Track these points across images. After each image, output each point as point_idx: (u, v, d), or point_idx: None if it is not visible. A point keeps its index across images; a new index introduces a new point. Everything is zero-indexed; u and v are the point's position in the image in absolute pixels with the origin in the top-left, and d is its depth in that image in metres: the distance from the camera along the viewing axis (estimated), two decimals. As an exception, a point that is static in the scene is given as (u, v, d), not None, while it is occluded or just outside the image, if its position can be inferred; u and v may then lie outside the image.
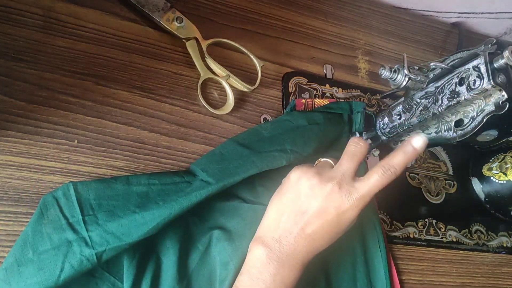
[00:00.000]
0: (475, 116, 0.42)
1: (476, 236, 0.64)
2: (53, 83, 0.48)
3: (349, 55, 0.68)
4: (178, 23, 0.55)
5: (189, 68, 0.56)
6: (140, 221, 0.41)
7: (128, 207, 0.42)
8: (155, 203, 0.43)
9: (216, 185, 0.44)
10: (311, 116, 0.53)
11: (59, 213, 0.41)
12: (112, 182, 0.44)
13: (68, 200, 0.41)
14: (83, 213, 0.41)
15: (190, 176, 0.47)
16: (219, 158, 0.48)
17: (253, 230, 0.45)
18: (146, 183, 0.45)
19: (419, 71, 0.47)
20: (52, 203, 0.41)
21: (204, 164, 0.48)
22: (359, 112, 0.55)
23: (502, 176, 0.62)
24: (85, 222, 0.40)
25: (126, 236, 0.40)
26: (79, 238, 0.39)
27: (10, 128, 0.45)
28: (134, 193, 0.43)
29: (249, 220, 0.46)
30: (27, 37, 0.48)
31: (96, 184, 0.43)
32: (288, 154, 0.48)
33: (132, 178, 0.45)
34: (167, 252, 0.44)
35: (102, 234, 0.40)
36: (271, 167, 0.47)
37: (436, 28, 0.80)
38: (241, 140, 0.50)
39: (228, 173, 0.46)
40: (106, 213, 0.41)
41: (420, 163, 0.65)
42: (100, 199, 0.42)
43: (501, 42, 0.41)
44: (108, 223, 0.40)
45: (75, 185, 0.42)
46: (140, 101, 0.52)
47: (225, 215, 0.47)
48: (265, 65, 0.59)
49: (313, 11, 0.68)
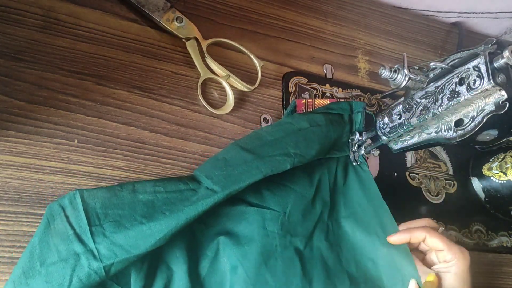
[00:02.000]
0: (475, 116, 0.41)
1: (476, 236, 0.64)
2: (53, 83, 0.48)
3: (349, 55, 0.68)
4: (178, 23, 0.55)
5: (189, 68, 0.56)
6: (147, 233, 0.41)
7: (134, 217, 0.42)
8: (161, 213, 0.42)
9: (222, 193, 0.44)
10: (313, 118, 0.53)
11: (65, 223, 0.40)
12: (118, 190, 0.43)
13: (75, 209, 0.41)
14: (90, 223, 0.40)
15: (194, 183, 0.46)
16: (223, 164, 0.48)
17: (261, 233, 0.45)
18: (151, 191, 0.44)
19: (419, 71, 0.47)
20: (59, 212, 0.41)
21: (208, 171, 0.47)
22: (359, 112, 0.55)
23: (502, 175, 0.62)
24: (92, 233, 0.40)
25: (134, 248, 0.40)
26: (87, 251, 0.39)
27: (10, 128, 0.45)
28: (140, 202, 0.43)
29: (257, 224, 0.46)
30: (27, 37, 0.48)
31: (102, 193, 0.43)
32: (291, 157, 0.48)
33: (138, 185, 0.44)
34: (177, 261, 0.44)
35: (109, 246, 0.40)
36: (275, 171, 0.47)
37: (436, 28, 0.80)
38: (244, 144, 0.50)
39: (233, 180, 0.45)
40: (113, 224, 0.41)
41: (420, 163, 0.65)
42: (106, 208, 0.42)
43: (501, 42, 0.41)
44: (115, 235, 0.40)
45: (81, 193, 0.42)
46: (140, 101, 0.52)
47: (231, 219, 0.47)
48: (265, 65, 0.59)
49: (313, 11, 0.68)
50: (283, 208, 0.48)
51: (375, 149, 0.53)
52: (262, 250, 0.45)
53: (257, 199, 0.49)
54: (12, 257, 0.41)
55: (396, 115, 0.50)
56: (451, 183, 0.66)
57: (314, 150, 0.50)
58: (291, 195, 0.50)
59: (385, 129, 0.52)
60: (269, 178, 0.47)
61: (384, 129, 0.52)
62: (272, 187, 0.50)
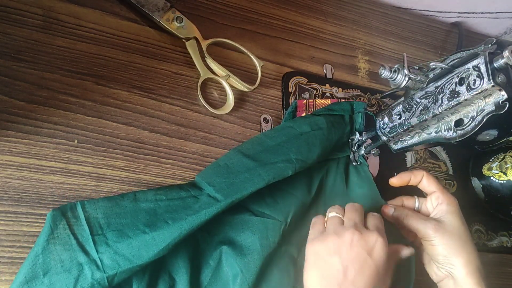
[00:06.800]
0: (475, 116, 0.41)
1: (476, 236, 0.64)
2: (53, 83, 0.48)
3: (349, 55, 0.68)
4: (178, 23, 0.55)
5: (189, 68, 0.56)
6: (150, 242, 0.41)
7: (137, 225, 0.42)
8: (164, 221, 0.42)
9: (224, 202, 0.44)
10: (314, 121, 0.52)
11: (68, 231, 0.40)
12: (119, 199, 0.43)
13: (77, 218, 0.41)
14: (92, 232, 0.40)
15: (196, 190, 0.46)
16: (225, 170, 0.47)
17: (264, 244, 0.45)
18: (153, 199, 0.44)
19: (419, 71, 0.47)
20: (61, 220, 0.41)
21: (210, 177, 0.47)
22: (360, 112, 0.55)
23: (502, 175, 0.62)
24: (95, 242, 0.40)
25: (137, 258, 0.40)
26: (90, 261, 0.39)
27: (10, 128, 0.45)
28: (142, 210, 0.43)
29: (259, 234, 0.46)
30: (27, 37, 0.48)
31: (104, 202, 0.43)
32: (293, 164, 0.48)
33: (139, 194, 0.45)
34: (179, 271, 0.44)
35: (112, 256, 0.40)
36: (277, 178, 0.47)
37: (436, 28, 0.80)
38: (245, 150, 0.49)
39: (236, 188, 0.45)
40: (115, 233, 0.41)
41: (420, 163, 0.65)
42: (108, 217, 0.42)
43: (501, 42, 0.41)
44: (117, 244, 0.40)
45: (82, 204, 0.42)
46: (140, 101, 0.52)
47: (234, 228, 0.47)
48: (265, 65, 0.59)
49: (313, 11, 0.68)
50: (285, 217, 0.48)
51: (375, 149, 0.53)
52: (263, 260, 0.45)
53: (260, 206, 0.49)
54: (12, 257, 0.41)
55: (396, 115, 0.50)
56: (451, 183, 0.66)
57: (316, 154, 0.50)
58: (293, 203, 0.50)
59: (385, 129, 0.52)
60: (272, 184, 0.47)
61: (384, 129, 0.52)
62: (274, 194, 0.50)
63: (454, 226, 0.47)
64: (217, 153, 0.53)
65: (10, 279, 0.41)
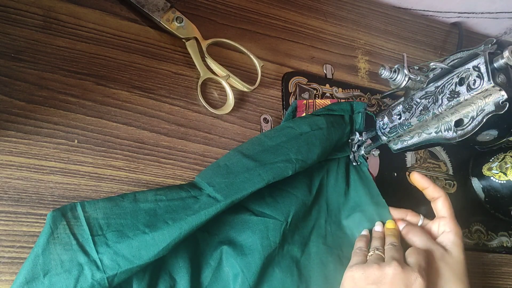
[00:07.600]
0: (475, 116, 0.41)
1: (476, 236, 0.64)
2: (53, 83, 0.48)
3: (349, 55, 0.68)
4: (178, 23, 0.55)
5: (189, 68, 0.56)
6: (150, 242, 0.41)
7: (137, 226, 0.42)
8: (164, 222, 0.42)
9: (224, 202, 0.44)
10: (314, 121, 0.52)
11: (68, 232, 0.40)
12: (119, 200, 0.43)
13: (77, 219, 0.41)
14: (92, 233, 0.40)
15: (196, 190, 0.46)
16: (225, 171, 0.47)
17: (264, 243, 0.45)
18: (153, 199, 0.44)
19: (419, 71, 0.47)
20: (61, 220, 0.41)
21: (210, 177, 0.47)
22: (360, 112, 0.55)
23: (502, 176, 0.62)
24: (95, 243, 0.40)
25: (137, 259, 0.40)
26: (90, 261, 0.39)
27: (10, 128, 0.45)
28: (142, 211, 0.43)
29: (260, 234, 0.46)
30: (27, 37, 0.48)
31: (104, 203, 0.43)
32: (293, 164, 0.48)
33: (139, 194, 0.45)
34: (180, 271, 0.44)
35: (112, 256, 0.40)
36: (277, 178, 0.47)
37: (436, 28, 0.80)
38: (245, 151, 0.49)
39: (236, 188, 0.45)
40: (116, 233, 0.41)
41: (420, 163, 0.65)
42: (108, 218, 0.42)
43: (501, 42, 0.41)
44: (118, 244, 0.40)
45: (82, 204, 0.42)
46: (140, 101, 0.52)
47: (234, 228, 0.47)
48: (265, 65, 0.59)
49: (313, 11, 0.68)
50: (285, 217, 0.48)
51: (375, 149, 0.53)
52: (264, 260, 0.45)
53: (260, 206, 0.49)
54: (12, 257, 0.41)
55: (396, 115, 0.50)
56: (451, 183, 0.66)
57: (316, 154, 0.50)
58: (293, 202, 0.50)
59: (385, 129, 0.52)
60: (272, 184, 0.47)
61: (384, 129, 0.52)
62: (274, 194, 0.50)
63: (457, 260, 0.47)
64: (217, 153, 0.53)
65: (10, 279, 0.41)
